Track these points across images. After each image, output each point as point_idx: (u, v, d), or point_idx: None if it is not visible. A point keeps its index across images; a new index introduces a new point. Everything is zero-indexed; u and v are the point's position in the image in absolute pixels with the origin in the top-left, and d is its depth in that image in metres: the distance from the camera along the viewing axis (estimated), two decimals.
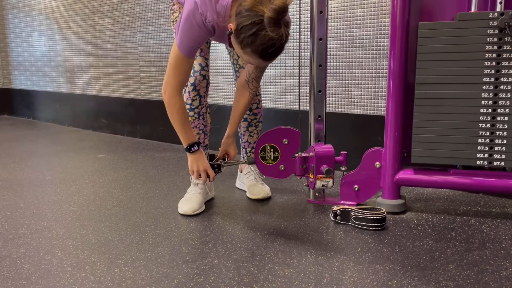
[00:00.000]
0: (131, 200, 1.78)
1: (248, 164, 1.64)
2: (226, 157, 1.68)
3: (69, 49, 3.63)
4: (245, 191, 1.83)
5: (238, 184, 1.93)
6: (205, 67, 1.61)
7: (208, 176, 1.55)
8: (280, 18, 1.22)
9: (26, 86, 4.22)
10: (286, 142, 1.58)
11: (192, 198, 1.64)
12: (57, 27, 3.68)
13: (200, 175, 1.55)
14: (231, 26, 1.29)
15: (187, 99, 1.61)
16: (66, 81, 3.73)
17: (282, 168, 1.60)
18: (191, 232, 1.44)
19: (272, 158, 1.59)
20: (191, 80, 1.60)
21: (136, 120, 3.17)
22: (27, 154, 2.67)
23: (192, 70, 1.58)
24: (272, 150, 1.59)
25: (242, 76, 1.62)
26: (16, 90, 4.36)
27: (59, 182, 2.05)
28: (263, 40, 1.24)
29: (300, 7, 1.73)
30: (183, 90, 1.59)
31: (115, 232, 1.45)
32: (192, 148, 1.52)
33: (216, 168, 1.62)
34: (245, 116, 1.82)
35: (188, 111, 1.60)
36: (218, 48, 2.60)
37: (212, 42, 1.73)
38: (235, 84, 1.76)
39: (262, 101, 1.87)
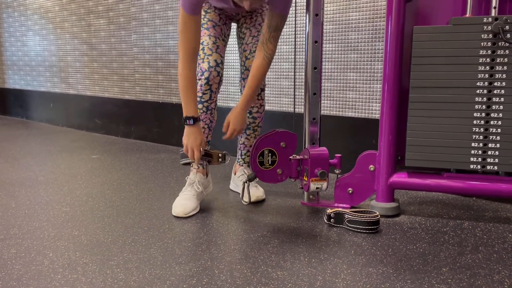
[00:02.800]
0: (124, 201, 1.77)
1: (249, 182, 1.61)
2: (220, 154, 1.61)
3: (63, 49, 3.61)
4: (239, 193, 1.82)
5: (232, 186, 1.92)
6: (220, 64, 1.63)
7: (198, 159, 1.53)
8: None
9: (20, 86, 4.20)
10: (283, 145, 1.58)
11: (186, 199, 1.63)
12: (52, 27, 3.67)
13: (187, 150, 1.53)
14: None
15: (198, 91, 1.61)
16: (60, 81, 3.71)
17: (280, 172, 1.60)
18: (184, 234, 1.43)
19: (270, 163, 1.59)
20: (206, 74, 1.60)
21: (130, 121, 3.16)
22: (20, 154, 2.65)
23: (207, 65, 1.59)
24: (270, 154, 1.58)
25: (259, 43, 1.59)
26: (10, 90, 4.33)
27: (51, 183, 2.04)
28: None
29: (296, 10, 1.73)
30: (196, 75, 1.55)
31: (107, 233, 1.44)
32: (187, 121, 1.50)
33: (221, 158, 1.59)
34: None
35: (197, 103, 1.58)
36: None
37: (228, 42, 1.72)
38: (239, 84, 1.76)
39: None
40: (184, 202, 1.61)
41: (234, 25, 1.85)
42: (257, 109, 1.78)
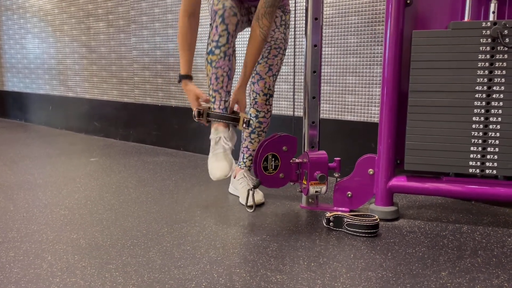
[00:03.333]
0: (123, 204, 1.77)
1: (254, 189, 1.63)
2: (247, 120, 1.60)
3: (62, 52, 3.61)
4: (238, 197, 1.82)
5: (231, 189, 1.92)
6: (235, 7, 1.53)
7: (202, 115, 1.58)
8: None
9: (18, 89, 4.20)
10: (285, 149, 1.58)
11: (219, 160, 1.56)
12: (51, 30, 3.67)
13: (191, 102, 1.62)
14: None
15: (214, 35, 1.52)
16: (59, 84, 3.71)
17: (282, 176, 1.60)
18: (183, 237, 1.43)
19: (273, 168, 1.59)
20: (220, 12, 1.50)
21: (129, 124, 3.16)
22: (18, 157, 2.65)
23: (222, 5, 1.50)
24: (273, 159, 1.58)
25: (253, 19, 1.60)
26: (9, 92, 4.33)
27: (50, 186, 2.04)
28: None
29: (295, 13, 1.73)
30: (210, 26, 1.56)
31: (106, 236, 1.44)
32: (180, 78, 1.66)
33: (245, 124, 1.59)
34: (250, 122, 1.80)
35: (213, 48, 1.53)
36: None
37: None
38: (249, 89, 1.77)
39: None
40: (218, 165, 1.54)
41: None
42: (264, 114, 1.78)
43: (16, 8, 4.00)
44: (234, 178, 1.89)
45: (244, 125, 1.58)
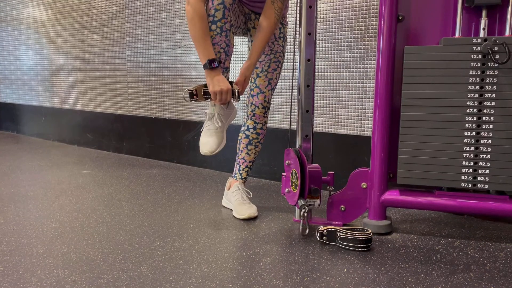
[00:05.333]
0: (115, 217, 1.75)
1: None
2: (237, 90, 1.58)
3: (56, 64, 3.61)
4: (232, 210, 1.81)
5: (224, 202, 1.91)
6: None
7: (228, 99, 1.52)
8: None
9: (11, 100, 4.17)
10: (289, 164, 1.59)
11: (208, 135, 1.58)
12: (45, 41, 3.67)
13: (221, 97, 1.51)
14: None
15: (210, 9, 1.51)
16: (53, 96, 3.70)
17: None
18: (176, 251, 1.42)
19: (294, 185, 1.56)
20: None
21: (122, 136, 3.14)
22: (9, 169, 2.62)
23: None
24: (295, 175, 1.55)
25: (267, 1, 1.58)
26: (1, 104, 4.30)
27: (41, 198, 2.01)
28: None
29: (295, 28, 1.75)
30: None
31: (97, 250, 1.42)
32: (212, 64, 1.47)
33: (234, 95, 1.55)
34: (247, 133, 1.81)
35: (209, 23, 1.51)
36: None
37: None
38: (247, 100, 1.77)
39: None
40: (207, 140, 1.57)
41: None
42: (262, 126, 1.79)
43: (11, 20, 4.00)
44: (228, 190, 1.88)
45: (233, 96, 1.57)
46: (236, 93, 1.58)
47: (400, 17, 1.53)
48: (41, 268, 1.29)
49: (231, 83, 1.61)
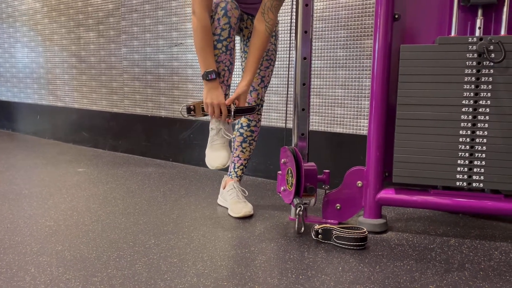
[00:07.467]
0: (110, 215, 1.75)
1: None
2: (233, 109, 1.58)
3: (52, 61, 3.59)
4: (227, 208, 1.81)
5: (220, 201, 1.91)
6: (236, 5, 1.56)
7: (221, 113, 1.50)
8: None
9: (6, 98, 4.15)
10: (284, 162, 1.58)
11: (218, 149, 1.56)
12: (41, 39, 3.65)
13: (213, 110, 1.51)
14: None
15: (216, 28, 1.53)
16: (48, 93, 3.68)
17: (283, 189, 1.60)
18: (170, 250, 1.41)
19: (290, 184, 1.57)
20: (222, 4, 1.52)
21: (118, 134, 3.13)
22: (4, 167, 2.61)
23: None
24: (291, 173, 1.55)
25: (258, 13, 1.58)
26: None
27: (35, 196, 2.00)
28: None
29: (291, 27, 1.75)
30: (211, 18, 1.52)
31: (91, 248, 1.42)
32: (209, 75, 1.47)
33: (228, 113, 1.55)
34: (241, 131, 1.81)
35: (216, 42, 1.52)
36: None
37: None
38: None
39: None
40: (218, 154, 1.56)
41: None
42: (255, 123, 1.79)
43: (6, 17, 3.98)
44: (223, 189, 1.88)
45: (229, 115, 1.58)
46: (232, 111, 1.57)
47: (396, 16, 1.53)
48: (35, 266, 1.29)
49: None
